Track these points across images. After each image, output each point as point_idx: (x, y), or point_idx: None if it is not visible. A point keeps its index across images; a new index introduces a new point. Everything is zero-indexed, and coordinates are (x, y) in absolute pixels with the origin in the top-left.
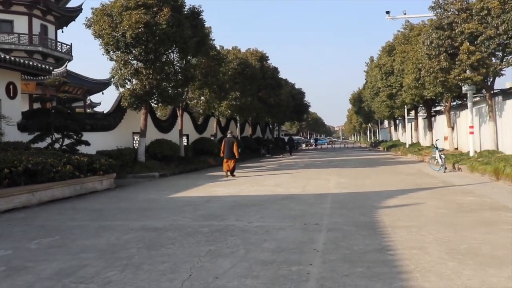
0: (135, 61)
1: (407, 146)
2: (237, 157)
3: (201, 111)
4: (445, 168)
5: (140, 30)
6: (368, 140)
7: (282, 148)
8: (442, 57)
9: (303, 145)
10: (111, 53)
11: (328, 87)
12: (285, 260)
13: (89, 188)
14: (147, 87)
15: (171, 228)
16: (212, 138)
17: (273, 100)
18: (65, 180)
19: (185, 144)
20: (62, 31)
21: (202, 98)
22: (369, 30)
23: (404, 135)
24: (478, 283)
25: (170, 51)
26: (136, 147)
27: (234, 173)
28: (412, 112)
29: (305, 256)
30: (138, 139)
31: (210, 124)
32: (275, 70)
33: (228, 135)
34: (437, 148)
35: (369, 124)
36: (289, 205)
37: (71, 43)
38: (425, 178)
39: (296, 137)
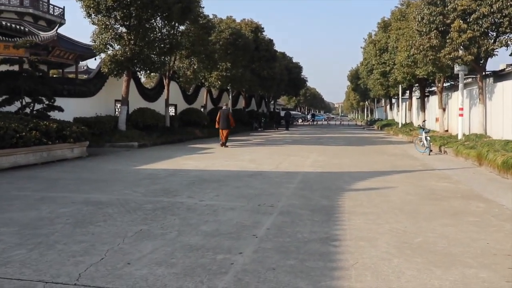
0: (117, 26)
1: (399, 126)
2: (232, 126)
3: (188, 80)
4: (430, 151)
5: None
6: (365, 118)
7: (278, 122)
8: (433, 34)
9: (299, 121)
10: (93, 16)
11: (329, 63)
12: (215, 247)
13: (58, 156)
14: (128, 53)
15: (115, 203)
16: (202, 109)
17: (266, 72)
18: (30, 147)
19: (173, 114)
20: None
21: (190, 67)
22: (371, 5)
23: (399, 115)
24: (417, 287)
25: (154, 16)
26: (118, 115)
27: (227, 144)
28: (408, 92)
29: (239, 243)
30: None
31: (201, 95)
32: (270, 43)
33: (224, 107)
34: (423, 129)
35: (366, 102)
36: (253, 183)
37: (63, 6)
38: (407, 160)
39: (293, 112)
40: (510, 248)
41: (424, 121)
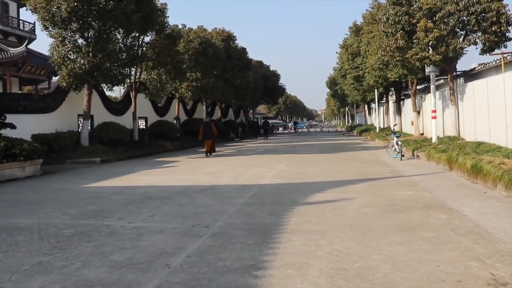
0: (76, 38)
1: (377, 130)
2: (215, 135)
3: (155, 92)
4: (402, 156)
5: (75, 3)
6: (346, 124)
7: (257, 131)
8: (399, 35)
9: (280, 129)
10: (50, 28)
11: (310, 71)
12: (113, 282)
13: (7, 175)
14: (87, 66)
15: (32, 229)
16: (175, 121)
17: (240, 81)
18: None
19: (144, 127)
20: (27, 9)
21: (157, 78)
22: (347, 10)
23: (377, 120)
24: None
25: (113, 27)
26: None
27: (213, 153)
28: (385, 96)
29: (144, 276)
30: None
31: (173, 107)
32: (243, 51)
33: (206, 119)
34: (394, 133)
35: (346, 108)
36: (201, 199)
37: (34, 22)
38: (377, 167)
39: (273, 121)
40: (462, 271)
41: (395, 125)
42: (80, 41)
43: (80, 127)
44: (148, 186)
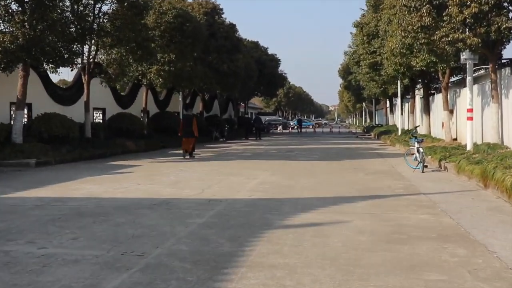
0: (8, 2)
1: (399, 133)
2: (196, 135)
3: (115, 76)
4: (424, 166)
5: None
6: (363, 123)
7: (248, 130)
8: (425, 10)
9: (279, 128)
10: None
11: (321, 57)
12: None
13: None
14: (21, 39)
15: None
16: (142, 115)
17: (226, 66)
18: None
19: (101, 121)
20: None
21: (117, 59)
22: None
23: (399, 119)
24: None
25: None
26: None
27: (193, 154)
28: (411, 90)
29: None
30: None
31: (140, 96)
32: (232, 28)
33: (187, 112)
34: (415, 138)
35: (364, 104)
36: (147, 217)
37: None
38: (388, 180)
39: (271, 117)
40: None
41: (417, 126)
42: (14, 6)
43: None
44: (85, 198)
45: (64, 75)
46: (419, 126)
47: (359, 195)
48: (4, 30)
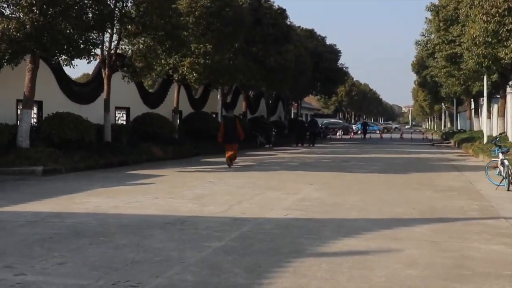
0: None
1: (484, 141)
2: (241, 139)
3: (140, 70)
4: (510, 183)
5: None
6: (442, 128)
7: (300, 135)
8: None
9: (338, 133)
10: None
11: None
12: None
13: None
14: (28, 26)
15: None
16: (173, 115)
17: (274, 60)
18: None
19: (124, 122)
20: None
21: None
22: None
23: (488, 123)
24: None
25: None
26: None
27: (234, 160)
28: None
29: None
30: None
31: (171, 94)
32: (281, 14)
33: (229, 114)
34: (499, 147)
35: (442, 105)
36: (154, 238)
37: None
38: (461, 200)
39: (329, 120)
40: None
41: (501, 133)
42: None
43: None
44: (88, 214)
45: (87, 68)
46: (504, 133)
47: (420, 218)
48: (9, 15)
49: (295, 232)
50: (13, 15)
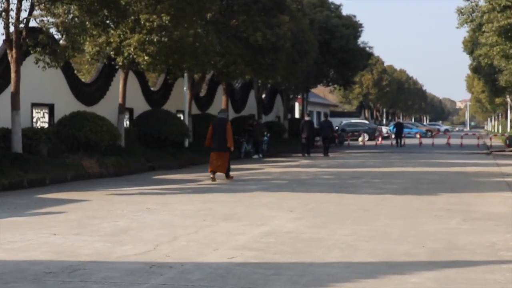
0: None
1: None
2: (231, 148)
3: (62, 50)
4: None
5: None
6: (508, 131)
7: (309, 141)
8: None
9: (361, 138)
10: None
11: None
12: None
13: None
14: None
15: None
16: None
17: (261, 36)
18: None
19: (45, 125)
20: None
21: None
22: None
23: None
24: None
25: None
26: None
27: (229, 174)
28: None
29: None
30: None
31: (115, 86)
32: None
33: (220, 115)
34: None
35: (508, 98)
36: None
37: None
38: (497, 234)
39: (349, 120)
40: None
41: None
42: None
43: None
44: None
45: None
46: None
47: (426, 260)
48: None
49: (231, 286)
50: None
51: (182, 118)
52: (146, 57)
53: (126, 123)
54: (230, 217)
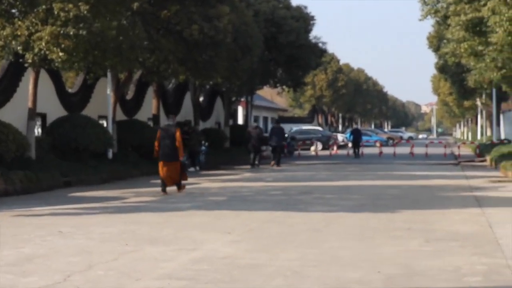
0: None
1: None
2: (180, 158)
3: None
4: None
5: None
6: (479, 138)
7: (257, 151)
8: None
9: (314, 147)
10: None
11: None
12: None
13: None
14: None
15: None
16: (28, 123)
17: (197, 30)
18: None
19: None
20: None
21: None
22: None
23: None
24: None
25: None
26: None
27: (181, 186)
28: None
29: None
30: None
31: (23, 87)
32: None
33: (169, 122)
34: None
35: (478, 101)
36: None
37: None
38: (462, 256)
39: (300, 127)
40: None
41: None
42: None
43: None
44: None
45: None
46: None
47: None
48: None
49: None
50: None
51: (105, 125)
52: (60, 53)
53: (38, 131)
54: (156, 240)
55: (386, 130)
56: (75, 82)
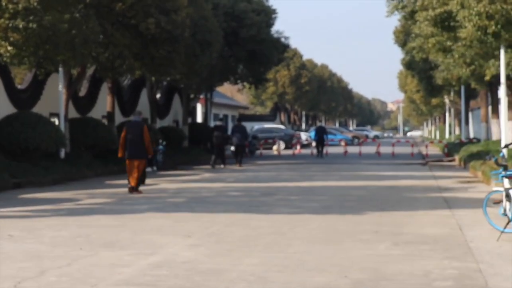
0: None
1: (504, 155)
2: (149, 155)
3: None
4: None
5: None
6: (447, 137)
7: (220, 151)
8: None
9: (276, 146)
10: None
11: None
12: None
13: None
14: None
15: None
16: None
17: (154, 24)
18: None
19: None
20: None
21: None
22: None
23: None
24: None
25: None
26: None
27: (139, 187)
28: None
29: None
30: None
31: None
32: None
33: (134, 117)
34: (503, 168)
35: (446, 99)
36: None
37: None
38: (432, 260)
39: (262, 126)
40: None
41: (507, 145)
42: None
43: None
44: None
45: None
46: (511, 144)
47: None
48: None
49: None
50: None
51: (57, 123)
52: (9, 48)
53: None
54: (112, 244)
55: (351, 128)
56: (25, 78)
